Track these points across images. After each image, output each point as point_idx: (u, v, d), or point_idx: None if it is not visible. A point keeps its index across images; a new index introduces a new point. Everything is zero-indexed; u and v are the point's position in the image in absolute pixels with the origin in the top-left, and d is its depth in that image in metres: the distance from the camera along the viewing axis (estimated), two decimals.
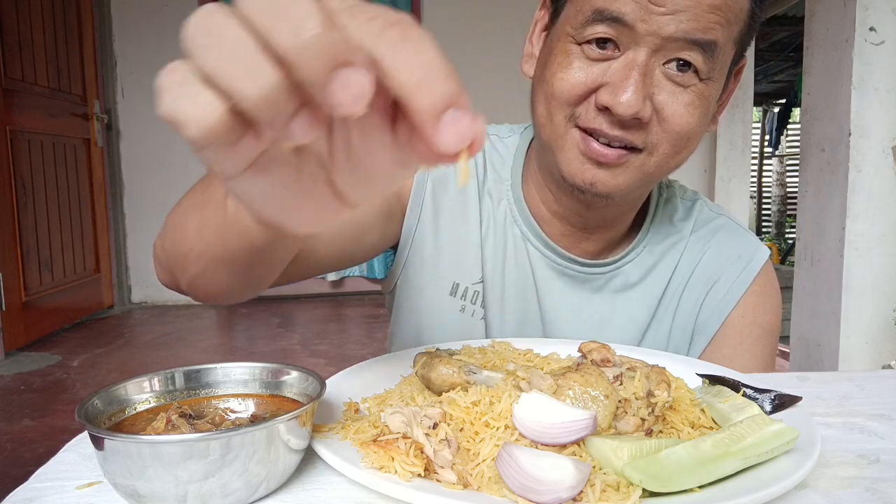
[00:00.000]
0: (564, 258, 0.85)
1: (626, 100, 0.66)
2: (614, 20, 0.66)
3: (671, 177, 0.94)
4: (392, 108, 0.28)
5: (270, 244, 0.50)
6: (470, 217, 0.86)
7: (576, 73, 0.69)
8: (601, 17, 0.66)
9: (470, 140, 0.27)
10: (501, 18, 4.67)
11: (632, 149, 0.71)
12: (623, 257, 0.86)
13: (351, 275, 5.00)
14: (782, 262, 7.32)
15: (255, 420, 0.51)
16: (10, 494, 0.45)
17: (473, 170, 0.87)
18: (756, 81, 6.48)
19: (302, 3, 0.24)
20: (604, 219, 0.82)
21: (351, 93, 0.24)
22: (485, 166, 0.88)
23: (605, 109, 0.68)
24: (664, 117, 0.69)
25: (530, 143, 0.88)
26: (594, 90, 0.69)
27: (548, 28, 0.77)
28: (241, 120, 0.26)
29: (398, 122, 0.28)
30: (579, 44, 0.69)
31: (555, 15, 0.75)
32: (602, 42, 0.68)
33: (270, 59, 0.24)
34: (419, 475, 0.44)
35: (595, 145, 0.70)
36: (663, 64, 0.68)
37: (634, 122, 0.68)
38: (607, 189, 0.72)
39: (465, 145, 0.27)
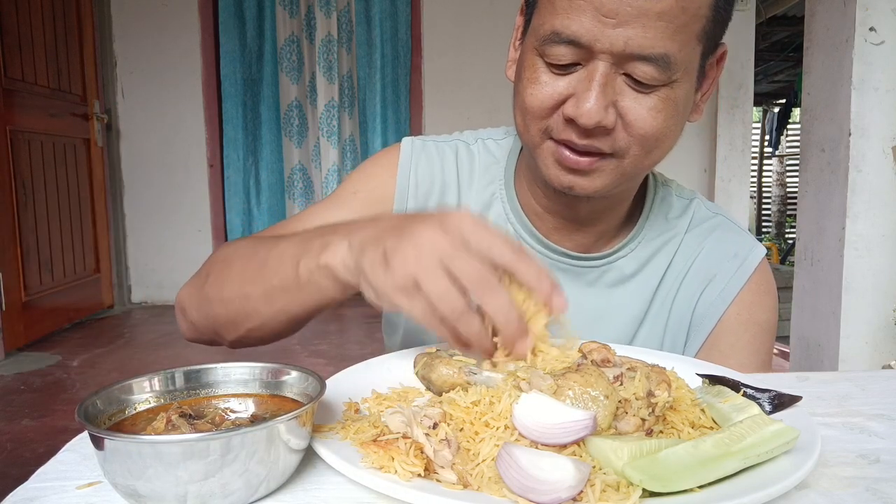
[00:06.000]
0: (557, 252, 0.86)
1: (587, 110, 0.67)
2: (570, 42, 0.67)
3: (669, 176, 0.94)
4: None
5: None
6: None
7: (544, 87, 0.71)
8: (559, 39, 0.67)
9: None
10: (501, 18, 4.66)
11: (603, 154, 0.72)
12: (617, 251, 0.87)
13: None
14: (782, 262, 7.32)
15: (255, 420, 0.51)
16: (10, 494, 0.45)
17: (456, 179, 0.89)
18: (756, 81, 6.47)
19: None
20: (593, 212, 0.84)
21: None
22: (470, 174, 0.90)
23: (571, 120, 0.70)
24: (628, 122, 0.70)
25: None
26: (561, 103, 0.71)
27: (523, 36, 0.78)
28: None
29: None
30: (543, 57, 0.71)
31: (527, 23, 0.76)
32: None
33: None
34: (419, 475, 0.44)
35: (567, 153, 0.72)
36: (623, 74, 0.68)
37: (600, 130, 0.69)
38: (586, 191, 0.75)
39: None
